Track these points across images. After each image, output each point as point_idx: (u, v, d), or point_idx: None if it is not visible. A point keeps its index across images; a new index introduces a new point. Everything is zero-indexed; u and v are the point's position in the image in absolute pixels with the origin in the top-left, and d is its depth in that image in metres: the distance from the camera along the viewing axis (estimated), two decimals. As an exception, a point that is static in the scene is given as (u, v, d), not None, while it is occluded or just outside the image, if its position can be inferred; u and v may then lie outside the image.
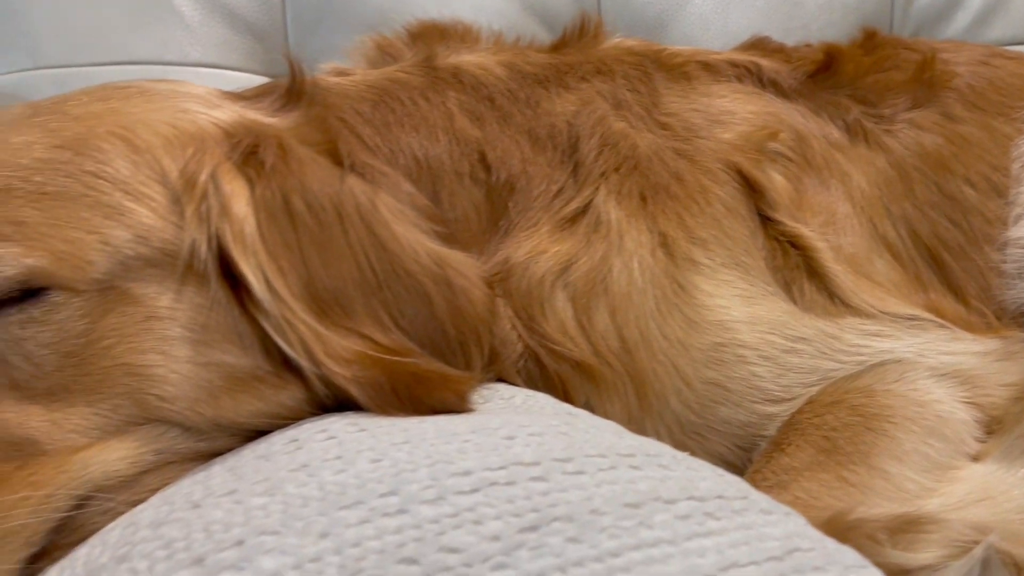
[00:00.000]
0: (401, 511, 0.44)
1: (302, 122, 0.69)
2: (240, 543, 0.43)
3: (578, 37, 0.99)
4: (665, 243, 0.75)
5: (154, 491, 0.55)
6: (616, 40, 1.01)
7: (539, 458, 0.48)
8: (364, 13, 1.20)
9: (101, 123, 0.60)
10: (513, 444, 0.50)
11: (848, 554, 0.45)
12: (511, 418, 0.56)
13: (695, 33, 1.27)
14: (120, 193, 0.58)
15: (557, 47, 0.98)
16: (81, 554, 0.50)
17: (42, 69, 1.18)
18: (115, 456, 0.55)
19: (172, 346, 0.57)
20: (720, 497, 0.47)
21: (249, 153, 0.61)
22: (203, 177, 0.59)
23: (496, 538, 0.42)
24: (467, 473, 0.46)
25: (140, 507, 0.53)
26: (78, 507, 0.53)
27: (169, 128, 0.61)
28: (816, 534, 0.46)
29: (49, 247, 0.55)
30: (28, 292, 0.54)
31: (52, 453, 0.53)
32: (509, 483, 0.46)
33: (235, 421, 0.58)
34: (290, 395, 0.59)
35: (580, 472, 0.47)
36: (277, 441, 0.55)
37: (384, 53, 0.95)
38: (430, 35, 0.95)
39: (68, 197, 0.56)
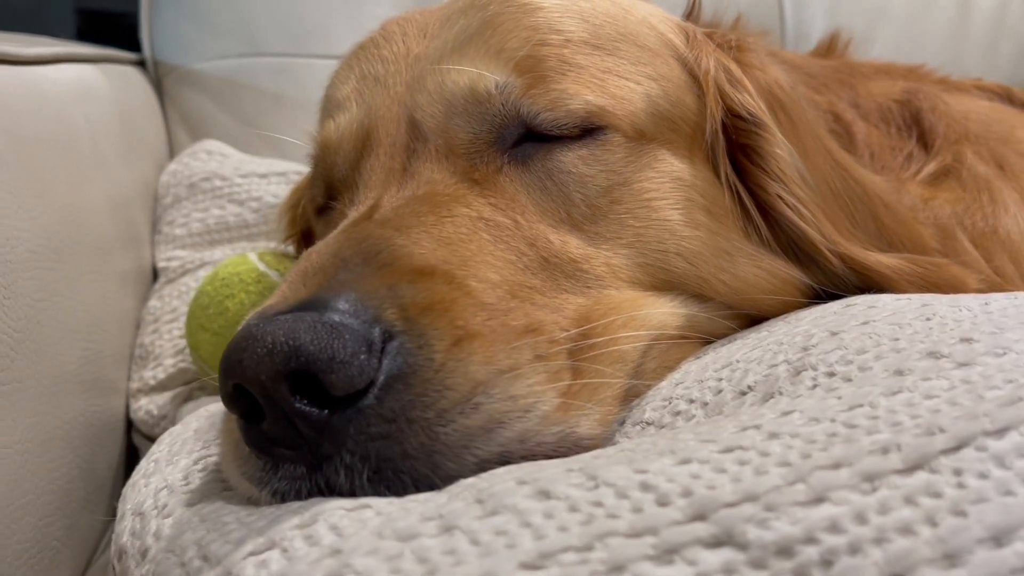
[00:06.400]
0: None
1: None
2: (967, 339, 0.40)
3: (829, 51, 1.03)
4: (1035, 203, 0.76)
5: (678, 361, 0.52)
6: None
7: None
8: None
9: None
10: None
11: None
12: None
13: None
14: (649, 55, 0.57)
15: (815, 56, 1.02)
16: (667, 392, 0.47)
17: (260, 56, 1.17)
18: (664, 310, 0.51)
19: (694, 211, 0.54)
20: None
21: (735, 48, 0.61)
22: (711, 60, 0.59)
23: None
24: None
25: (727, 347, 0.50)
26: (646, 351, 0.49)
27: (661, 15, 0.62)
28: None
29: (604, 90, 0.53)
30: (586, 131, 0.52)
31: (614, 296, 0.50)
32: None
33: (748, 296, 0.55)
34: (797, 276, 0.56)
35: None
36: (832, 308, 0.52)
37: None
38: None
39: (608, 50, 0.55)
